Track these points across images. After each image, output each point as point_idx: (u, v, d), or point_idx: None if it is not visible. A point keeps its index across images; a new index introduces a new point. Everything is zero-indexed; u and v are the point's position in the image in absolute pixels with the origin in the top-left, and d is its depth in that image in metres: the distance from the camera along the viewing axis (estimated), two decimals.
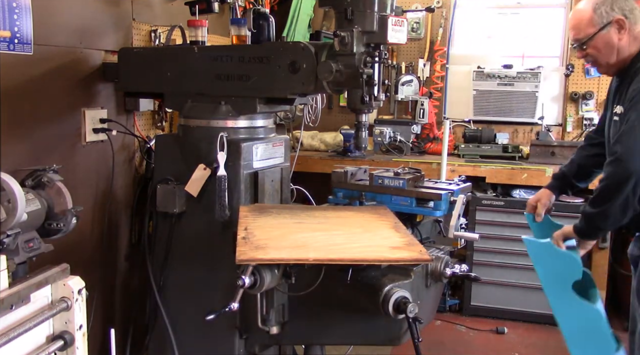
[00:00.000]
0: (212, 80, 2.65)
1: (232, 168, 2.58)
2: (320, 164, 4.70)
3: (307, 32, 4.75)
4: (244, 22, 2.76)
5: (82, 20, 2.82)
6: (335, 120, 5.42)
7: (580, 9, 2.40)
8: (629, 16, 2.32)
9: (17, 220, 1.86)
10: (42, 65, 2.61)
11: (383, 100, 2.47)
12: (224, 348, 2.65)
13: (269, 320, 2.39)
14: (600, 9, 2.33)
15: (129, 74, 2.88)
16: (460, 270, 2.47)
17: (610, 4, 2.33)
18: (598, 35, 2.33)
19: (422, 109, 5.01)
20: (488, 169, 4.50)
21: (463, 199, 2.63)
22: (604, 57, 2.39)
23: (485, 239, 4.29)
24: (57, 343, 1.88)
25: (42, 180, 2.13)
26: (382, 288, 2.20)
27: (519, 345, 4.14)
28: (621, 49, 2.34)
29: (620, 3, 2.34)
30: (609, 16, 2.32)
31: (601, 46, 2.36)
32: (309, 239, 2.16)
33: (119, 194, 3.13)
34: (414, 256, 2.02)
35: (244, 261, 1.96)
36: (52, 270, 1.88)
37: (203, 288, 2.69)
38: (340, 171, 2.84)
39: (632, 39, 2.34)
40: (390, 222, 2.39)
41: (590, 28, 2.35)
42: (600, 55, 2.39)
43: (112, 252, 3.12)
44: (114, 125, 3.00)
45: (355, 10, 2.28)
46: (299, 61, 2.43)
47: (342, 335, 2.48)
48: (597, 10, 2.33)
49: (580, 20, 2.39)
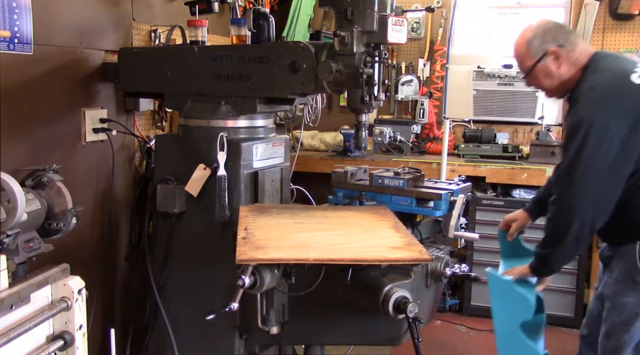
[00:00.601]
0: (212, 80, 2.65)
1: (232, 168, 2.58)
2: (320, 164, 4.70)
3: (307, 32, 4.75)
4: (244, 22, 2.76)
5: (82, 20, 2.82)
6: (335, 120, 5.42)
7: (517, 44, 2.45)
8: (564, 44, 2.35)
9: (17, 220, 1.86)
10: (42, 65, 2.61)
11: (383, 100, 2.47)
12: (224, 348, 2.65)
13: (269, 320, 2.39)
14: (534, 43, 2.37)
15: (129, 74, 2.88)
16: (460, 270, 2.47)
17: (543, 37, 2.37)
18: (536, 67, 2.38)
19: (422, 108, 5.01)
20: (488, 169, 4.50)
21: (463, 198, 2.63)
22: (546, 85, 2.44)
23: (485, 239, 4.28)
24: (57, 343, 1.88)
25: (42, 180, 2.13)
26: (382, 288, 2.20)
27: None
28: (561, 75, 2.38)
29: (553, 34, 2.37)
30: (544, 48, 2.36)
31: (541, 76, 2.41)
32: (309, 239, 2.16)
33: (119, 194, 3.13)
34: (414, 256, 2.02)
35: (244, 261, 1.96)
36: (52, 270, 1.88)
37: (203, 288, 2.69)
38: (340, 171, 2.84)
39: (571, 64, 2.36)
40: (390, 222, 2.39)
41: (529, 61, 2.40)
42: (543, 84, 2.44)
43: (112, 252, 3.12)
44: (114, 125, 3.00)
45: (355, 10, 2.28)
46: (299, 61, 2.43)
47: (342, 335, 2.48)
48: (531, 44, 2.38)
49: (519, 55, 2.45)
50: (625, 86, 2.25)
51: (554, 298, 4.28)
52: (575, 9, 4.97)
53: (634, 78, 2.25)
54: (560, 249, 2.29)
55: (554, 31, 2.38)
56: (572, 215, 2.22)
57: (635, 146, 2.19)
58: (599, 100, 2.24)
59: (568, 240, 2.24)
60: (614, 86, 2.26)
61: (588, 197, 2.20)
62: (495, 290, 2.50)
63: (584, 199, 2.20)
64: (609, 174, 2.19)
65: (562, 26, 2.45)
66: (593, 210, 2.22)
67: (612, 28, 4.95)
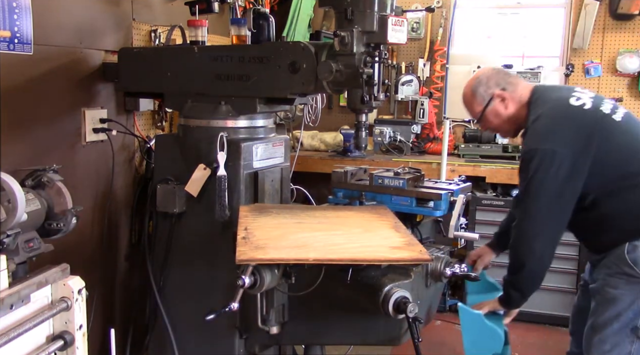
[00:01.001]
0: (212, 80, 2.65)
1: (232, 168, 2.58)
2: (320, 164, 4.71)
3: (307, 32, 4.75)
4: (244, 22, 2.76)
5: (82, 20, 2.82)
6: (335, 120, 5.42)
7: (464, 94, 2.65)
8: (507, 87, 2.54)
9: (17, 220, 1.86)
10: (42, 65, 2.61)
11: (383, 100, 2.47)
12: (224, 348, 2.65)
13: (269, 320, 2.39)
14: (479, 90, 2.56)
15: (129, 74, 2.88)
16: (460, 270, 2.47)
17: (487, 84, 2.56)
18: (486, 111, 2.57)
19: (422, 109, 5.01)
20: (488, 169, 4.50)
21: (463, 198, 2.63)
22: (499, 126, 2.62)
23: (485, 239, 4.26)
24: (57, 343, 1.88)
25: (42, 180, 2.12)
26: (382, 288, 2.20)
27: (519, 345, 4.14)
28: (510, 115, 2.55)
29: (495, 79, 2.56)
30: (488, 94, 2.55)
31: (492, 118, 2.58)
32: (309, 239, 2.16)
33: (119, 194, 3.13)
34: (414, 256, 2.02)
35: (244, 261, 1.96)
36: (52, 270, 1.88)
37: (203, 288, 2.69)
38: (340, 171, 2.84)
39: (516, 102, 2.54)
40: (390, 222, 2.39)
41: (478, 107, 2.58)
42: (496, 125, 2.62)
43: (112, 252, 3.12)
44: (114, 125, 3.00)
45: (355, 10, 2.28)
46: (299, 61, 2.43)
47: (342, 335, 2.48)
48: (476, 92, 2.57)
49: (468, 103, 2.65)
50: (565, 112, 2.41)
51: (553, 298, 4.28)
52: (575, 9, 4.97)
53: (572, 101, 2.42)
54: (527, 272, 2.42)
55: (495, 77, 2.57)
56: (531, 237, 2.38)
57: (584, 164, 2.32)
58: (543, 129, 2.39)
59: (532, 261, 2.40)
60: (555, 114, 2.42)
61: (544, 219, 2.36)
62: (466, 323, 2.58)
63: (541, 220, 2.36)
64: (560, 194, 2.32)
65: (500, 71, 2.65)
66: (550, 230, 2.38)
67: (612, 28, 4.95)
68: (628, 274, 2.32)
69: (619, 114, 2.42)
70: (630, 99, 4.99)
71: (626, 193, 2.35)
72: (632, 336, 2.32)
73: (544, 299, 4.34)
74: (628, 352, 2.32)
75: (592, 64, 5.01)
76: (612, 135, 2.37)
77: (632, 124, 2.45)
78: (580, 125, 2.36)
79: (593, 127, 2.36)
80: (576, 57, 5.04)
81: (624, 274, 2.33)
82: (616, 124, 2.39)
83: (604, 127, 2.36)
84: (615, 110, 2.43)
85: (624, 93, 4.99)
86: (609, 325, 2.35)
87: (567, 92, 2.48)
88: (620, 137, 2.39)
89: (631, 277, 2.32)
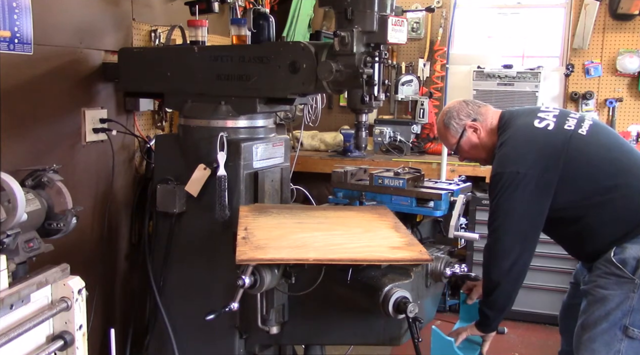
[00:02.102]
0: (212, 80, 2.65)
1: (232, 168, 2.58)
2: (320, 164, 4.70)
3: (307, 32, 4.75)
4: (244, 22, 2.76)
5: (82, 20, 2.82)
6: (335, 120, 5.42)
7: (438, 129, 2.78)
8: (478, 117, 2.64)
9: (17, 220, 1.86)
10: (42, 65, 2.61)
11: (383, 100, 2.47)
12: (224, 348, 2.65)
13: (269, 320, 2.39)
14: (451, 123, 2.66)
15: (129, 74, 2.88)
16: (460, 270, 2.47)
17: (457, 116, 2.65)
18: (461, 142, 2.67)
19: (422, 109, 5.01)
20: (488, 169, 4.47)
21: (463, 199, 2.64)
22: (475, 155, 2.73)
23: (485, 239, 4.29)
24: (57, 343, 1.88)
25: (42, 180, 2.12)
26: (382, 288, 2.20)
27: (519, 345, 4.14)
28: (484, 143, 2.65)
29: (466, 111, 2.66)
30: (461, 125, 2.65)
31: (468, 148, 2.68)
32: (309, 239, 2.16)
33: (119, 194, 3.13)
34: (414, 256, 2.02)
35: (244, 261, 1.96)
36: (52, 270, 1.88)
37: (203, 288, 2.69)
38: (340, 171, 2.84)
39: (488, 130, 2.64)
40: (390, 222, 2.39)
41: (453, 139, 2.69)
42: (473, 155, 2.73)
43: (112, 252, 3.12)
44: (114, 125, 3.00)
45: (355, 10, 2.28)
46: (299, 61, 2.43)
47: (342, 335, 2.48)
48: (449, 125, 2.67)
49: (443, 137, 2.75)
50: (530, 135, 2.48)
51: (553, 298, 4.28)
52: (575, 9, 4.98)
53: (536, 124, 2.50)
54: (502, 291, 2.46)
55: (465, 109, 2.67)
56: (502, 258, 2.43)
57: (549, 184, 2.39)
58: (508, 153, 2.47)
59: (506, 280, 2.45)
60: (519, 138, 2.50)
61: (513, 239, 2.43)
62: (436, 348, 2.58)
63: (509, 240, 2.43)
64: (526, 214, 2.41)
65: (469, 102, 2.72)
66: (520, 248, 2.43)
67: (612, 28, 4.95)
68: (617, 274, 2.35)
69: (584, 128, 2.48)
70: (630, 99, 4.99)
71: (605, 205, 2.39)
72: (622, 335, 2.34)
73: (544, 299, 4.34)
74: (617, 350, 2.34)
75: (592, 64, 5.01)
76: (579, 152, 2.43)
77: (599, 136, 2.51)
78: (544, 146, 2.44)
79: (558, 147, 2.42)
80: (576, 57, 5.05)
81: (613, 274, 2.36)
82: (582, 139, 2.45)
83: (570, 146, 2.42)
84: (580, 125, 2.49)
85: (624, 93, 4.99)
86: (599, 324, 2.37)
87: (531, 116, 2.55)
88: (587, 151, 2.44)
89: (620, 277, 2.34)
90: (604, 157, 2.45)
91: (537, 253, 3.81)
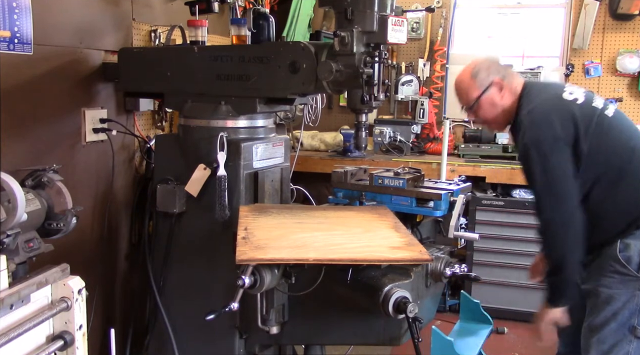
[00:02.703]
0: (212, 80, 2.65)
1: (232, 168, 2.58)
2: (320, 164, 4.70)
3: (307, 32, 4.75)
4: (244, 22, 2.76)
5: (82, 20, 2.82)
6: (335, 120, 5.42)
7: (462, 78, 2.61)
8: (505, 76, 2.54)
9: (17, 220, 1.86)
10: (42, 65, 2.61)
11: (383, 100, 2.47)
12: (224, 348, 2.65)
13: (269, 320, 2.39)
14: (479, 75, 2.54)
15: (129, 74, 2.88)
16: (460, 270, 2.47)
17: (487, 70, 2.54)
18: (482, 97, 2.53)
19: (422, 109, 5.01)
20: (488, 169, 4.50)
21: (463, 199, 2.64)
22: (491, 115, 2.58)
23: (485, 239, 4.29)
24: (57, 343, 1.88)
25: (42, 180, 2.12)
26: (382, 288, 2.20)
27: (519, 345, 4.14)
28: (504, 105, 2.53)
29: (496, 67, 2.57)
30: (488, 80, 2.52)
31: (487, 106, 2.55)
32: (309, 239, 2.16)
33: (119, 194, 3.13)
34: (414, 256, 2.02)
35: (244, 261, 1.96)
36: (52, 270, 1.88)
37: (203, 288, 2.69)
38: (340, 171, 2.84)
39: (511, 94, 2.54)
40: (390, 222, 2.39)
41: (475, 92, 2.54)
42: (489, 115, 2.58)
43: (112, 252, 3.12)
44: (114, 125, 3.00)
45: (355, 10, 2.28)
46: (299, 61, 2.43)
47: (342, 335, 2.48)
48: (476, 77, 2.54)
49: (465, 88, 2.59)
50: (559, 104, 2.42)
51: None
52: (575, 9, 4.98)
53: (565, 96, 2.44)
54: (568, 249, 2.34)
55: (496, 66, 2.58)
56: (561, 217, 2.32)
57: (581, 151, 2.34)
58: (540, 119, 2.39)
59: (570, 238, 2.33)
60: (550, 105, 2.43)
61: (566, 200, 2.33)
62: (436, 348, 2.60)
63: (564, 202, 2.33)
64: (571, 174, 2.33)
65: (499, 61, 2.67)
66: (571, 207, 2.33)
67: (612, 28, 4.95)
68: (621, 272, 2.33)
69: (610, 111, 2.45)
70: (630, 99, 4.99)
71: (616, 188, 2.37)
72: (630, 335, 2.32)
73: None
74: (626, 352, 2.33)
75: (592, 64, 5.01)
76: (604, 130, 2.39)
77: (622, 121, 2.48)
78: (574, 116, 2.37)
79: (586, 120, 2.37)
80: (576, 57, 5.05)
81: (617, 272, 2.34)
82: (608, 119, 2.42)
83: (597, 121, 2.38)
84: (606, 107, 2.46)
85: (624, 93, 4.99)
86: (607, 325, 2.35)
87: (559, 89, 2.51)
88: (611, 132, 2.41)
89: (624, 275, 2.33)
90: (624, 143, 2.42)
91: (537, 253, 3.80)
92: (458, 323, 2.80)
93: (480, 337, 2.92)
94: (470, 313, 2.79)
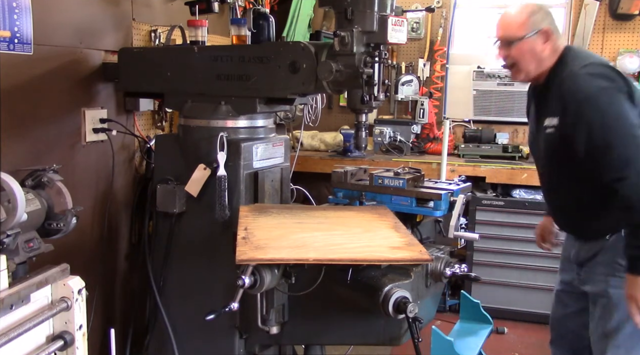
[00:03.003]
0: (212, 80, 2.65)
1: (232, 168, 2.58)
2: (320, 164, 4.71)
3: (307, 32, 4.75)
4: (244, 22, 2.76)
5: (82, 20, 2.82)
6: (335, 120, 5.42)
7: (514, 12, 2.48)
8: (555, 31, 2.45)
9: (17, 220, 1.86)
10: (42, 65, 2.61)
11: (383, 100, 2.47)
12: (224, 348, 2.65)
13: (269, 320, 2.39)
14: (534, 17, 2.42)
15: (129, 74, 2.88)
16: (460, 270, 2.47)
17: (543, 15, 2.44)
18: (526, 39, 2.41)
19: (422, 109, 5.01)
20: (488, 169, 4.50)
21: (463, 199, 2.63)
22: (525, 62, 2.46)
23: (485, 239, 4.29)
24: (57, 343, 1.88)
25: (42, 180, 2.12)
26: (382, 288, 2.20)
27: (519, 345, 4.14)
28: (542, 59, 2.43)
29: (551, 19, 2.47)
30: (540, 25, 2.41)
31: (526, 50, 2.43)
32: (309, 239, 2.16)
33: (119, 194, 3.13)
34: (414, 256, 2.02)
35: (244, 261, 1.96)
36: (52, 270, 1.88)
37: (203, 288, 2.69)
38: (340, 171, 2.84)
39: (553, 51, 2.43)
40: (390, 222, 2.39)
41: (521, 31, 2.42)
42: (523, 59, 2.46)
43: (112, 252, 3.12)
44: (114, 125, 3.00)
45: (355, 10, 2.28)
46: (299, 61, 2.43)
47: (342, 335, 2.48)
48: (530, 17, 2.42)
49: (513, 22, 2.46)
50: (608, 65, 2.34)
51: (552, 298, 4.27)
52: (575, 9, 4.98)
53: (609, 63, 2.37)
54: None
55: (551, 17, 2.48)
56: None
57: None
58: (597, 72, 2.28)
59: None
60: (607, 65, 2.35)
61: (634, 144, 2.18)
62: (436, 348, 2.60)
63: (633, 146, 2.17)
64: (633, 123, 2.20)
65: None
66: None
67: (612, 28, 4.95)
68: None
69: None
70: None
71: None
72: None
73: (544, 299, 4.32)
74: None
75: None
76: None
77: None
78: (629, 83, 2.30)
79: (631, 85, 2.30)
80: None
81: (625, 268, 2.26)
82: None
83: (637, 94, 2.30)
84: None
85: None
86: (622, 329, 2.29)
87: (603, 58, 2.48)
88: None
89: None
90: None
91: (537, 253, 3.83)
92: (458, 323, 2.81)
93: (480, 337, 2.92)
94: (470, 313, 2.79)
